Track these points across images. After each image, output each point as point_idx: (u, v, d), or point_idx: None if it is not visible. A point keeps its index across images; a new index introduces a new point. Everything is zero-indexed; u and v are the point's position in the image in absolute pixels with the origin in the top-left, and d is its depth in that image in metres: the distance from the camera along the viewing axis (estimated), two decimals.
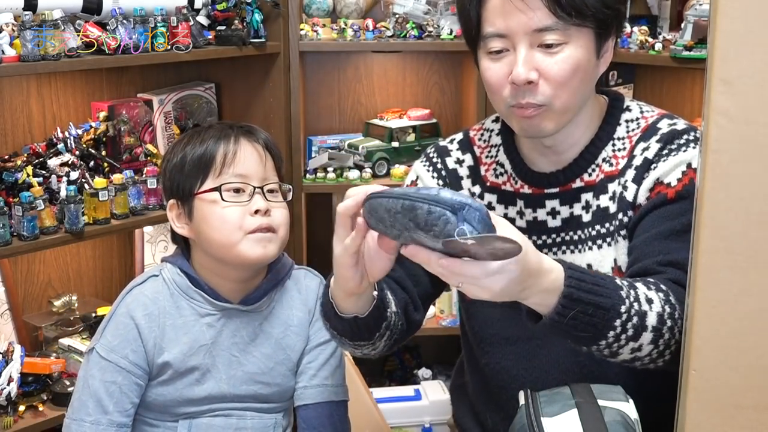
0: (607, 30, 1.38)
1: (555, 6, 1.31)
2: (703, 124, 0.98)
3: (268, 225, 1.51)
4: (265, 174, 1.54)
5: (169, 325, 1.54)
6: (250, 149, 1.54)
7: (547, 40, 1.33)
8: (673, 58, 2.30)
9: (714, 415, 1.02)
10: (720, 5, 0.94)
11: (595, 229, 1.44)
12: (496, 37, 1.36)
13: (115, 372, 1.52)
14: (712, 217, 0.98)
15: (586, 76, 1.37)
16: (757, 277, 0.98)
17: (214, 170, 1.51)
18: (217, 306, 1.55)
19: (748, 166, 0.96)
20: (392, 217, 1.08)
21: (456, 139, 1.61)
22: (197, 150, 1.53)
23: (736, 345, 1.00)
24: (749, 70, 0.94)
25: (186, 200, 1.54)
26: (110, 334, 1.54)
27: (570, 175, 1.46)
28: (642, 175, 1.40)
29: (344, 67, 3.03)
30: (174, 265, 1.59)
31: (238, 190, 1.51)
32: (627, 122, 1.47)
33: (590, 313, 1.17)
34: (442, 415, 2.47)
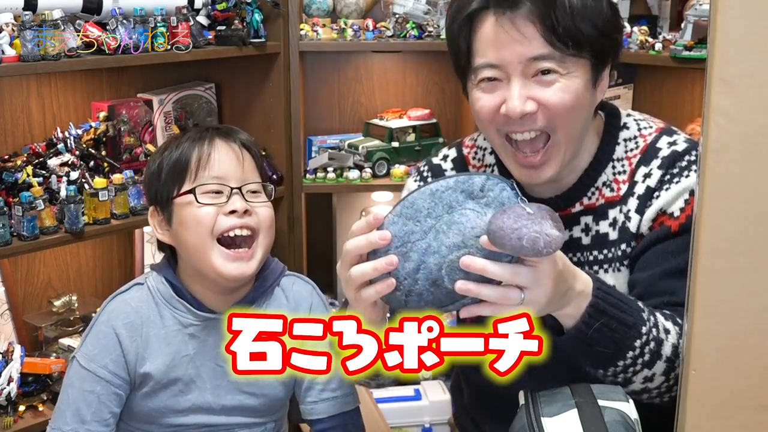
0: (603, 60, 1.33)
1: (551, 35, 1.26)
2: (703, 124, 0.98)
3: (245, 224, 1.48)
4: (243, 174, 1.51)
5: (152, 335, 1.51)
6: (226, 149, 1.51)
7: (543, 68, 1.28)
8: (673, 58, 2.30)
9: (714, 415, 1.02)
10: (720, 5, 0.94)
11: (593, 254, 1.41)
12: (489, 67, 1.30)
13: (93, 381, 1.49)
14: (712, 217, 0.98)
15: (584, 107, 1.32)
16: (757, 277, 0.98)
17: (190, 174, 1.49)
18: (200, 316, 1.52)
19: (748, 166, 0.96)
20: (435, 200, 1.13)
21: (449, 157, 1.56)
22: (173, 155, 1.51)
23: (736, 345, 1.00)
24: (749, 70, 0.94)
25: (165, 206, 1.52)
26: (91, 342, 1.51)
27: (569, 200, 1.42)
28: (645, 204, 1.37)
29: (344, 67, 3.03)
30: (159, 273, 1.56)
31: (217, 192, 1.48)
32: (625, 141, 1.42)
33: (613, 328, 1.19)
34: (442, 415, 2.47)
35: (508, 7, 1.27)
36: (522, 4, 1.26)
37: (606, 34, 1.30)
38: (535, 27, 1.26)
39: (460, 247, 1.11)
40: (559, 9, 1.25)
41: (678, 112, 2.62)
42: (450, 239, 1.12)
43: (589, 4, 1.28)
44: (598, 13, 1.29)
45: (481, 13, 1.30)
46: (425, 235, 1.13)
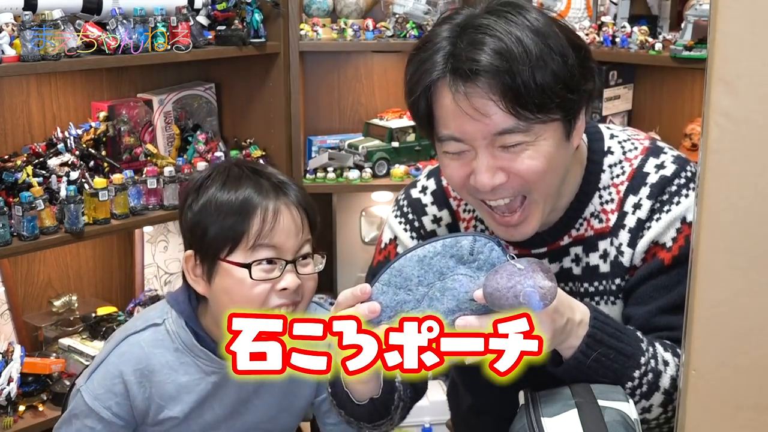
0: (575, 113, 1.23)
1: (513, 106, 1.15)
2: (703, 124, 0.98)
3: (292, 302, 1.40)
4: (299, 243, 1.40)
5: (170, 383, 1.47)
6: (288, 218, 1.39)
7: (509, 142, 1.19)
8: (673, 58, 2.30)
9: (714, 415, 1.02)
10: (720, 5, 0.94)
11: (584, 287, 1.37)
12: (453, 140, 1.22)
13: (95, 420, 1.47)
14: (712, 217, 0.98)
15: (558, 165, 1.24)
16: (757, 277, 0.98)
17: (246, 242, 1.37)
18: (222, 364, 1.46)
19: (748, 166, 0.96)
20: (425, 267, 1.12)
21: (429, 189, 1.46)
22: (228, 218, 1.37)
23: (736, 345, 1.00)
24: (749, 70, 0.94)
25: (208, 260, 1.40)
26: (97, 380, 1.47)
27: (557, 234, 1.36)
28: (636, 236, 1.32)
29: (344, 67, 3.03)
30: (180, 315, 1.47)
31: (270, 263, 1.38)
32: (611, 167, 1.35)
33: (612, 358, 1.18)
34: (442, 415, 2.47)
35: (463, 83, 1.16)
36: (478, 78, 1.15)
37: (574, 88, 1.20)
38: (495, 102, 1.16)
39: (455, 311, 1.13)
40: (518, 77, 1.14)
41: (678, 112, 2.62)
42: (444, 305, 1.13)
43: (551, 60, 1.17)
44: (562, 68, 1.17)
45: (438, 83, 1.20)
46: (418, 303, 1.14)
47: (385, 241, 1.49)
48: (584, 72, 1.22)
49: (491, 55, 1.15)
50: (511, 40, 1.15)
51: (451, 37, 1.20)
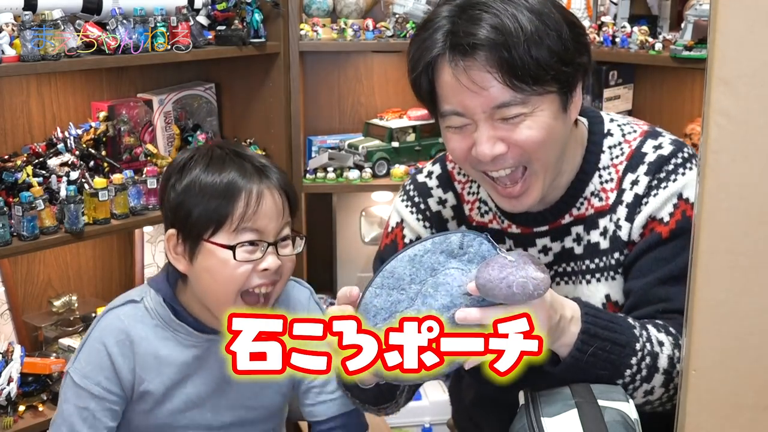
0: (570, 86, 1.29)
1: (510, 79, 1.22)
2: (703, 124, 0.98)
3: (272, 282, 1.44)
4: (280, 225, 1.45)
5: (150, 355, 1.48)
6: (271, 201, 1.43)
7: (508, 114, 1.25)
8: (673, 58, 2.30)
9: (714, 415, 1.02)
10: (720, 5, 0.94)
11: (585, 264, 1.40)
12: (454, 115, 1.28)
13: (88, 398, 1.47)
14: (712, 217, 0.98)
15: (556, 136, 1.29)
16: (757, 277, 0.98)
17: (230, 222, 1.40)
18: (201, 338, 1.50)
19: (748, 166, 0.96)
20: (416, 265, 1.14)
21: (434, 174, 1.53)
22: (215, 185, 1.41)
23: (736, 345, 1.00)
24: (749, 70, 0.94)
25: (190, 240, 1.43)
26: (84, 359, 1.49)
27: (558, 213, 1.41)
28: (634, 211, 1.36)
29: (344, 67, 3.03)
30: (158, 293, 1.51)
31: (252, 245, 1.42)
32: (610, 149, 1.40)
33: (608, 350, 1.20)
34: (442, 415, 2.47)
35: (462, 58, 1.22)
36: (476, 52, 1.21)
37: (568, 61, 1.25)
38: (492, 75, 1.22)
39: (450, 307, 1.13)
40: (514, 50, 1.20)
41: (678, 112, 2.62)
42: (439, 301, 1.14)
43: (546, 35, 1.22)
44: (557, 42, 1.23)
45: (438, 59, 1.26)
46: (412, 302, 1.14)
47: (392, 225, 1.54)
48: (578, 47, 1.27)
49: (488, 30, 1.21)
50: (508, 16, 1.21)
51: (450, 16, 1.25)
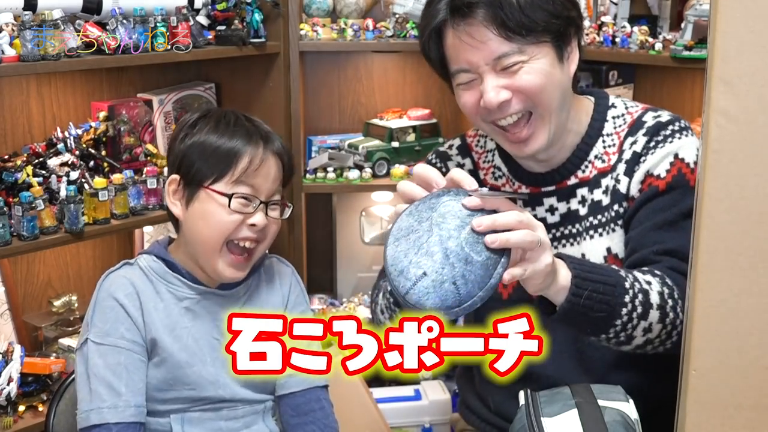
0: (564, 38, 1.44)
1: (505, 31, 1.38)
2: (703, 124, 0.98)
3: (256, 238, 1.53)
4: (274, 189, 1.56)
5: (151, 308, 1.53)
6: (272, 163, 1.55)
7: (508, 63, 1.40)
8: (673, 58, 2.30)
9: (714, 415, 1.02)
10: (720, 5, 0.94)
11: (588, 221, 1.51)
12: (462, 72, 1.44)
13: (116, 353, 1.49)
14: (712, 217, 0.98)
15: (555, 82, 1.43)
16: (757, 277, 0.98)
17: (232, 175, 1.50)
18: (195, 289, 1.56)
19: (748, 166, 0.96)
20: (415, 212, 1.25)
21: (455, 145, 1.68)
22: (223, 145, 1.51)
23: (736, 345, 1.00)
24: (749, 70, 0.95)
25: (191, 186, 1.53)
26: (99, 320, 1.52)
27: (565, 173, 1.54)
28: (632, 168, 1.48)
29: (344, 67, 3.03)
30: (149, 254, 1.59)
31: (246, 200, 1.51)
32: (614, 118, 1.55)
33: (601, 291, 1.27)
34: (442, 415, 2.47)
35: (462, 19, 1.40)
36: (475, 13, 1.39)
37: (558, 14, 1.41)
38: (490, 30, 1.39)
39: (463, 226, 1.20)
40: (507, 7, 1.37)
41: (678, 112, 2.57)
42: (451, 224, 1.20)
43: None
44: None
45: (443, 25, 1.45)
46: (430, 232, 1.20)
47: None
48: (565, 1, 1.44)
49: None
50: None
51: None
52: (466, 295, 1.18)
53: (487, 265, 1.19)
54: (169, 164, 1.61)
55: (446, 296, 1.18)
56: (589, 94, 1.59)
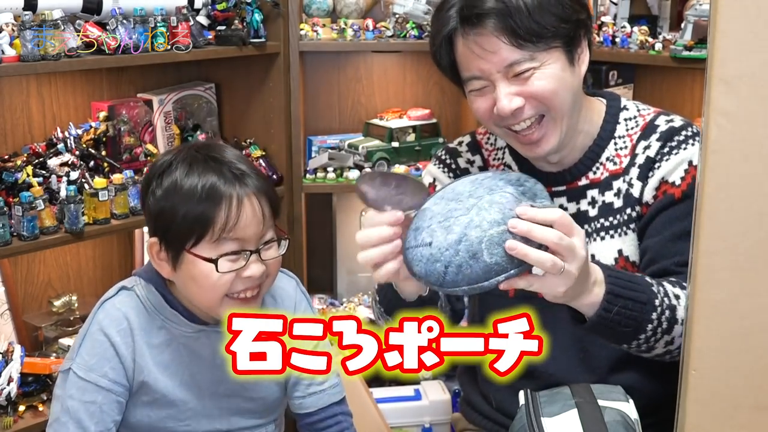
0: (574, 41, 1.44)
1: (516, 39, 1.38)
2: (703, 124, 0.98)
3: (257, 285, 1.45)
4: (262, 231, 1.44)
5: (145, 344, 1.48)
6: (251, 209, 1.41)
7: (519, 70, 1.40)
8: (673, 58, 2.30)
9: (714, 415, 1.02)
10: (720, 5, 0.94)
11: (599, 222, 1.51)
12: (474, 79, 1.44)
13: (94, 392, 1.45)
14: (712, 217, 0.98)
15: (567, 85, 1.43)
16: (757, 277, 0.98)
17: (211, 235, 1.39)
18: (192, 327, 1.50)
19: (748, 166, 0.96)
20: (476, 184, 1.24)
21: (464, 142, 1.68)
22: (192, 208, 1.39)
23: (736, 345, 1.00)
24: (749, 70, 0.95)
25: (173, 249, 1.43)
26: (86, 352, 1.47)
27: (576, 174, 1.54)
28: (646, 173, 1.48)
29: (344, 67, 3.03)
30: (148, 282, 1.51)
31: (235, 254, 1.41)
32: (626, 120, 1.54)
33: (630, 308, 1.29)
34: (442, 415, 2.47)
35: (472, 29, 1.40)
36: (485, 22, 1.38)
37: (568, 19, 1.41)
38: (500, 39, 1.38)
39: (500, 223, 1.18)
40: (517, 16, 1.37)
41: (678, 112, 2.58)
42: (491, 215, 1.19)
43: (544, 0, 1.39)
44: (555, 3, 1.40)
45: (453, 33, 1.44)
46: (468, 211, 1.21)
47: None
48: (575, 5, 1.43)
49: (492, 1, 1.38)
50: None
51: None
52: (450, 283, 1.20)
53: (490, 268, 1.18)
54: (147, 223, 1.50)
55: (431, 273, 1.21)
56: (601, 95, 1.59)
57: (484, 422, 1.65)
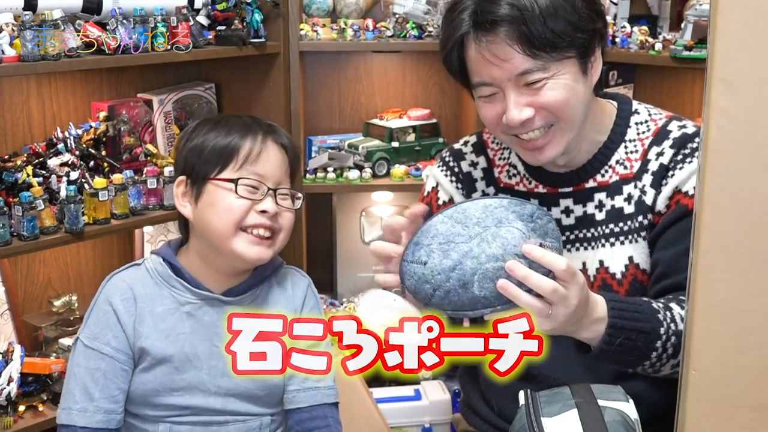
0: (588, 50, 1.40)
1: (529, 48, 1.34)
2: (703, 124, 0.98)
3: (270, 226, 1.52)
4: (281, 177, 1.55)
5: (147, 312, 1.54)
6: (275, 151, 1.54)
7: (531, 79, 1.37)
8: (673, 58, 2.30)
9: (714, 415, 1.02)
10: (720, 5, 0.94)
11: (609, 228, 1.49)
12: (484, 85, 1.41)
13: (98, 359, 1.52)
14: (712, 217, 0.98)
15: (578, 95, 1.41)
16: (757, 277, 0.98)
17: (236, 163, 1.51)
18: (197, 294, 1.55)
19: (748, 166, 0.96)
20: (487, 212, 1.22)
21: (470, 142, 1.66)
22: (221, 140, 1.53)
23: (736, 345, 1.00)
24: (749, 70, 0.94)
25: (198, 182, 1.54)
26: (92, 322, 1.55)
27: (583, 176, 1.51)
28: (660, 181, 1.46)
29: (344, 67, 3.03)
30: (158, 255, 1.59)
31: (254, 187, 1.51)
32: (637, 125, 1.52)
33: (634, 339, 1.29)
34: (442, 415, 2.47)
35: (484, 35, 1.36)
36: (498, 29, 1.35)
37: (583, 28, 1.37)
38: (513, 48, 1.34)
39: (498, 259, 1.19)
40: (531, 24, 1.33)
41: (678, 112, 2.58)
42: (492, 249, 1.19)
43: (560, 7, 1.35)
44: (571, 12, 1.36)
45: (465, 38, 1.40)
46: (470, 240, 1.20)
47: (427, 189, 1.68)
48: (591, 14, 1.39)
49: (507, 7, 1.34)
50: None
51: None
52: (435, 305, 1.22)
53: (478, 300, 1.20)
54: (176, 170, 1.62)
55: (419, 292, 1.24)
56: (612, 98, 1.57)
57: (485, 427, 1.64)
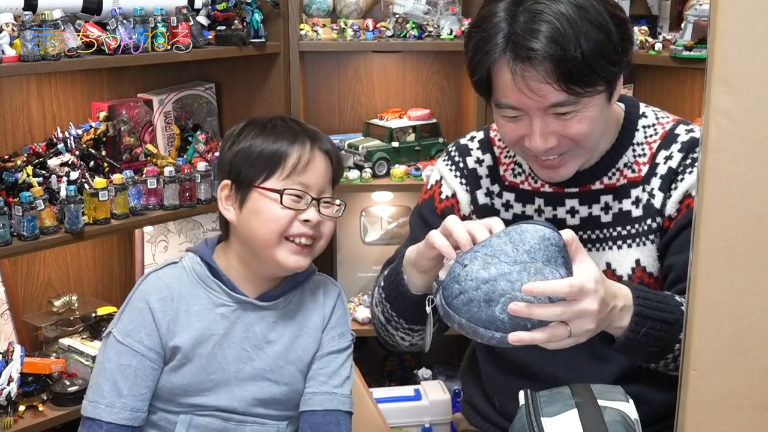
0: (615, 79, 1.38)
1: (566, 85, 1.31)
2: (703, 124, 0.98)
3: (312, 234, 1.54)
4: (324, 186, 1.56)
5: (183, 311, 1.55)
6: (320, 161, 1.55)
7: (560, 111, 1.35)
8: (673, 58, 2.30)
9: (714, 415, 1.02)
10: (720, 5, 0.94)
11: (616, 231, 1.49)
12: (510, 108, 1.37)
13: (130, 356, 1.53)
14: (712, 217, 0.98)
15: (601, 123, 1.41)
16: (757, 277, 0.98)
17: (281, 171, 1.52)
18: (233, 297, 1.56)
19: (748, 166, 0.96)
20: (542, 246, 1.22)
21: (477, 138, 1.65)
22: (269, 146, 1.53)
23: (736, 345, 1.00)
24: (749, 70, 0.94)
25: (243, 188, 1.54)
26: (126, 318, 1.56)
27: (590, 177, 1.50)
28: (668, 185, 1.46)
29: (344, 67, 3.03)
30: (196, 254, 1.60)
31: (298, 197, 1.52)
32: (644, 128, 1.51)
33: (659, 329, 1.29)
34: (442, 415, 2.47)
35: (521, 65, 1.30)
36: (535, 64, 1.29)
37: (618, 62, 1.35)
38: (550, 85, 1.30)
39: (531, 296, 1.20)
40: (570, 62, 1.28)
41: (678, 112, 2.58)
42: (526, 281, 1.20)
43: (599, 43, 1.31)
44: (610, 48, 1.32)
45: (499, 60, 1.33)
46: (513, 264, 1.21)
47: (431, 182, 1.68)
48: (625, 45, 1.37)
49: (545, 43, 1.29)
50: (563, 24, 1.29)
51: (507, 18, 1.33)
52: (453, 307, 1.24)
53: (493, 321, 1.21)
54: (220, 172, 1.62)
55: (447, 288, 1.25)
56: (620, 100, 1.54)
57: (486, 426, 1.65)
